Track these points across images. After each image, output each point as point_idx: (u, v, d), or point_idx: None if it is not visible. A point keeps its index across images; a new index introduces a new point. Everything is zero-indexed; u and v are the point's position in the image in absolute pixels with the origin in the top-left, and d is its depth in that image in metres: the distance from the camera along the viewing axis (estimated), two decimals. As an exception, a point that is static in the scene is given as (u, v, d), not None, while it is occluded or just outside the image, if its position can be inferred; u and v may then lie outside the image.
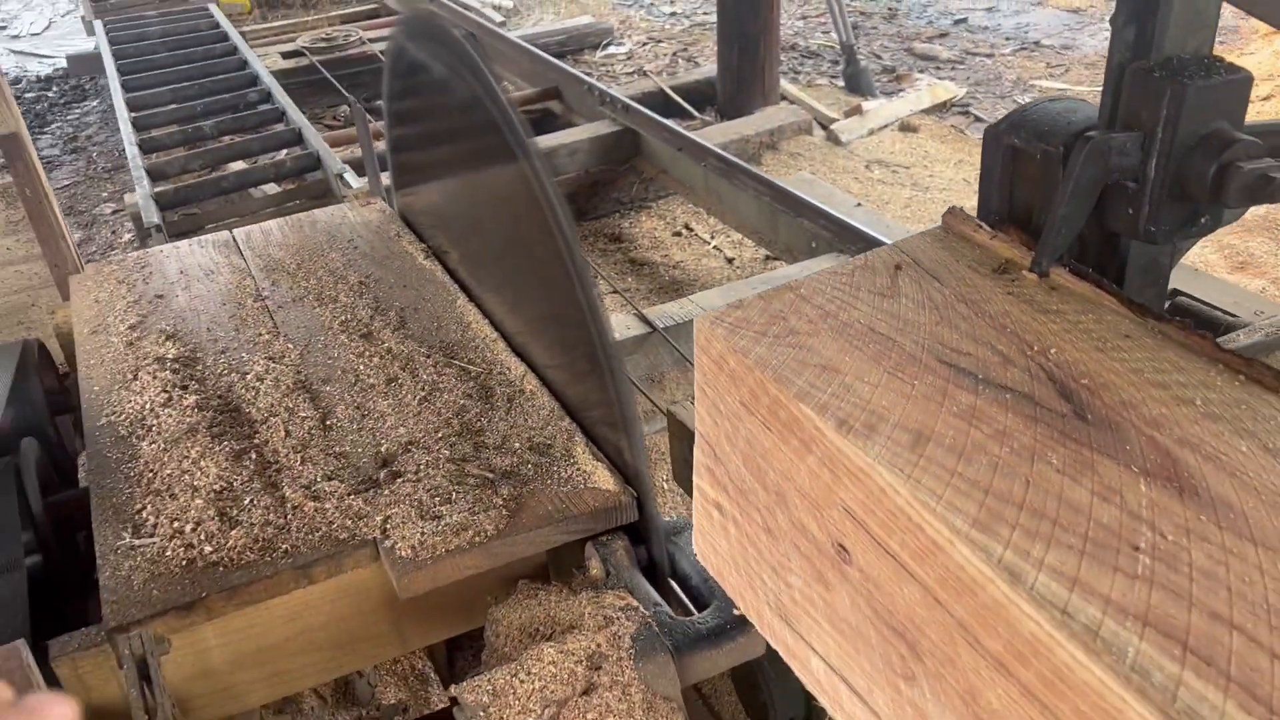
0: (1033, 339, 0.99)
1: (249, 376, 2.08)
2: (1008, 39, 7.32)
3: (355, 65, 6.40)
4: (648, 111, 4.88)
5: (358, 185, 3.99)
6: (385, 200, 2.94)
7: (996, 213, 1.17)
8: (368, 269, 2.51)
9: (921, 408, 0.91)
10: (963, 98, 6.19)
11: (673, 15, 8.38)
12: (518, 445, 1.83)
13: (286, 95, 5.05)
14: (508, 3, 8.69)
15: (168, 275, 2.56)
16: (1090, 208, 1.06)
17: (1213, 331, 1.37)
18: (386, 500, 1.71)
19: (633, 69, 7.03)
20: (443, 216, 2.53)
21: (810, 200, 3.93)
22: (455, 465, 1.78)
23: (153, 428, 1.95)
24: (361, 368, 2.09)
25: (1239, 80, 1.02)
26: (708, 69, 6.18)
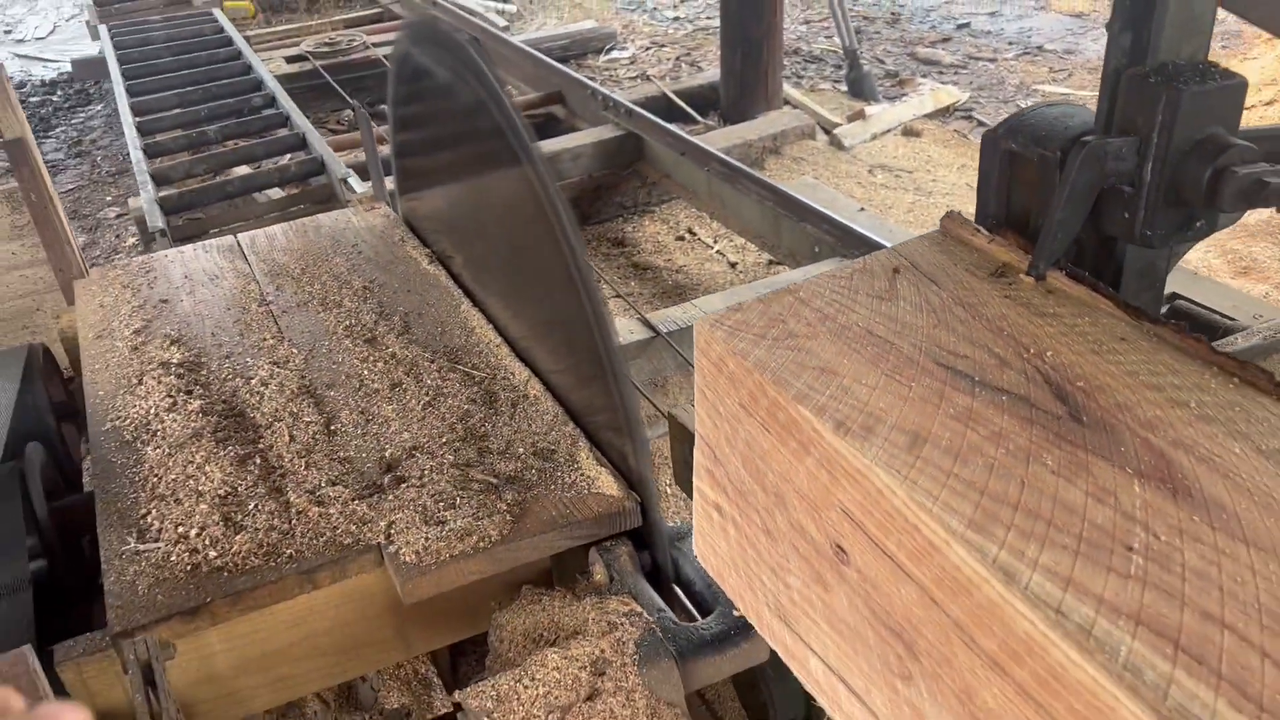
0: (1029, 342, 1.00)
1: (253, 381, 2.09)
2: (1011, 43, 7.32)
3: (359, 70, 6.41)
4: (651, 116, 4.88)
5: (362, 190, 4.00)
6: (389, 205, 2.95)
7: (994, 217, 1.18)
8: (372, 274, 2.51)
9: (919, 410, 0.91)
10: (966, 102, 6.19)
11: (676, 20, 8.39)
12: (521, 451, 1.83)
13: (291, 100, 5.06)
14: (511, 7, 8.70)
15: (172, 280, 2.57)
16: (1086, 212, 1.07)
17: (1211, 335, 1.38)
18: (391, 505, 1.71)
19: (636, 73, 7.03)
20: (447, 221, 2.53)
21: (813, 205, 3.93)
22: (459, 470, 1.79)
23: (157, 432, 1.95)
24: (366, 373, 2.09)
25: (1234, 86, 1.02)
26: (711, 73, 6.18)
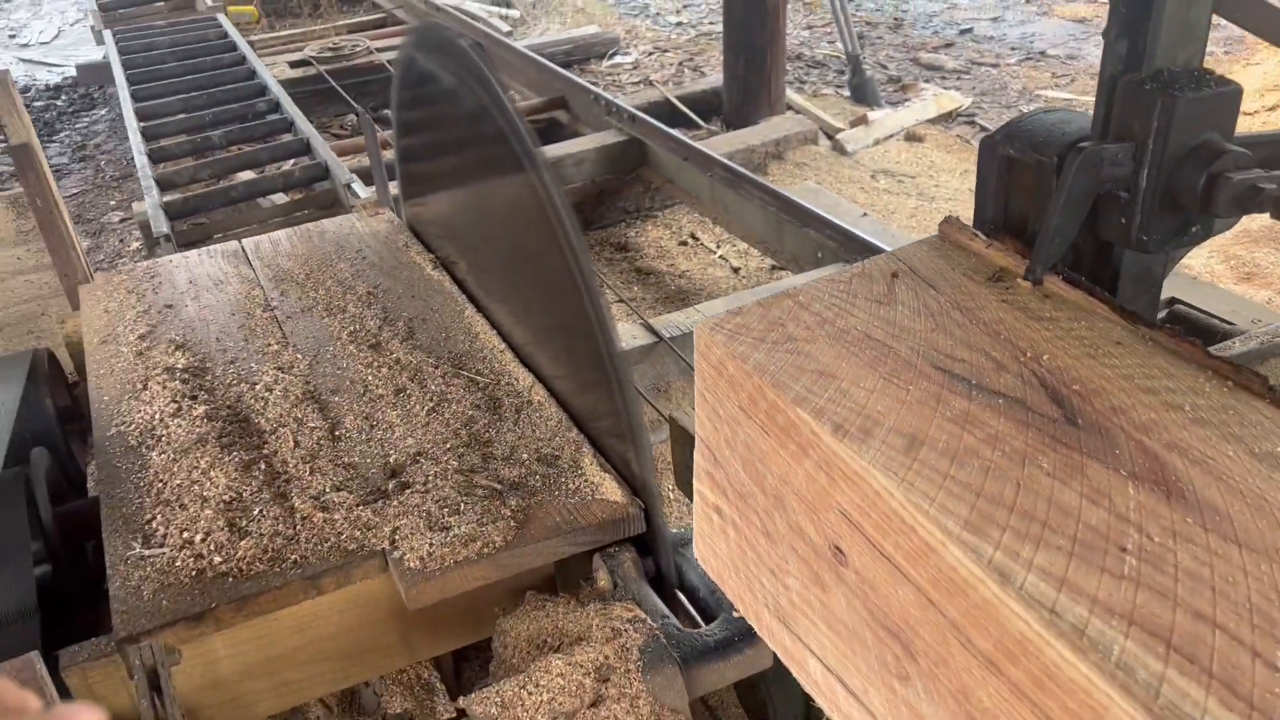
0: (1026, 345, 1.01)
1: (258, 386, 2.09)
2: (1013, 49, 7.33)
3: (362, 74, 6.42)
4: (654, 121, 4.89)
5: (365, 195, 4.01)
6: (393, 210, 2.96)
7: (992, 222, 1.19)
8: (376, 279, 2.52)
9: (916, 412, 0.92)
10: (968, 107, 6.19)
11: (679, 25, 8.41)
12: (525, 456, 1.83)
13: (295, 105, 5.07)
14: (514, 12, 8.72)
15: (177, 285, 2.57)
16: (1083, 217, 1.08)
17: (1209, 340, 1.39)
18: (395, 511, 1.71)
19: (639, 79, 7.04)
20: (451, 227, 2.54)
21: (816, 210, 3.93)
22: (463, 476, 1.79)
23: (162, 438, 1.95)
24: (370, 378, 2.10)
25: (1228, 93, 1.04)
26: (714, 79, 6.19)
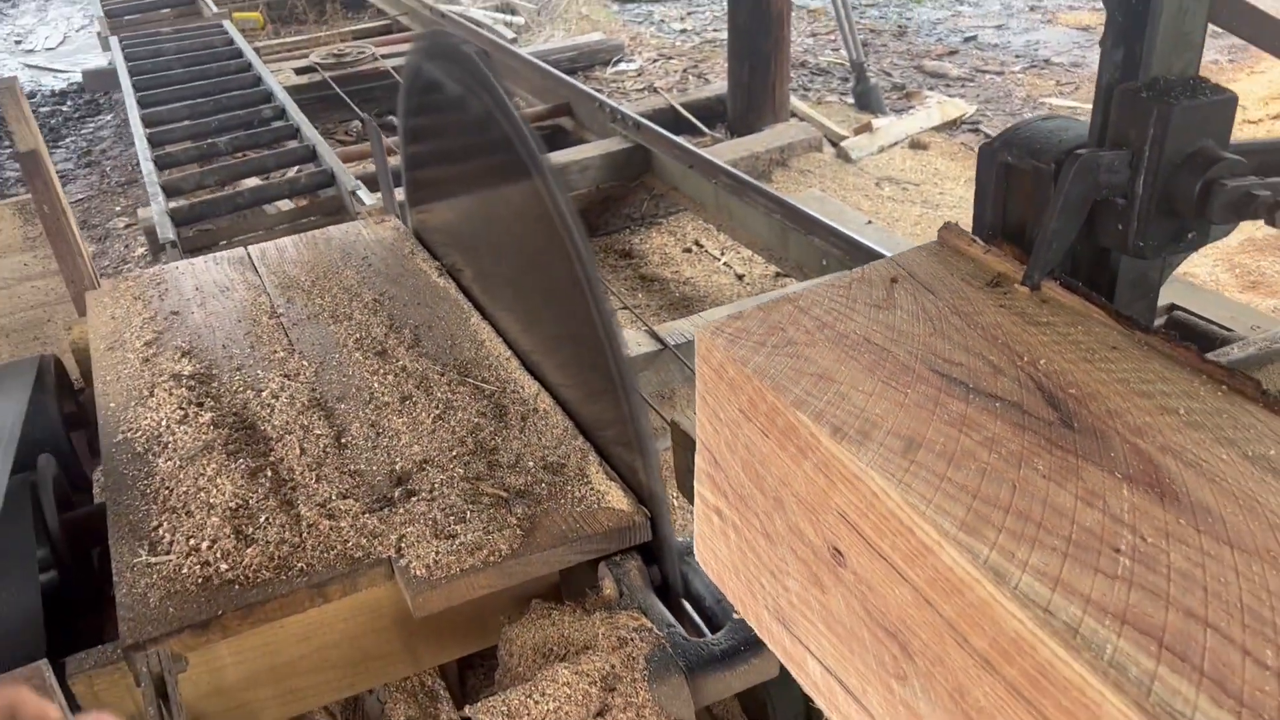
0: (1023, 350, 1.02)
1: (264, 394, 2.10)
2: (1017, 56, 7.34)
3: (367, 81, 6.44)
4: (658, 128, 4.90)
5: (371, 202, 4.03)
6: (399, 218, 2.97)
7: (990, 228, 1.20)
8: (382, 286, 2.53)
9: (914, 415, 0.94)
10: (973, 115, 6.21)
11: (683, 32, 8.43)
12: (531, 464, 1.84)
13: (300, 112, 5.09)
14: (519, 19, 8.75)
15: (183, 292, 2.58)
16: (1080, 223, 1.09)
17: (1208, 346, 1.40)
18: (401, 519, 1.72)
19: (643, 86, 7.06)
20: (457, 234, 2.55)
21: (821, 218, 3.93)
22: (469, 484, 1.79)
23: (169, 444, 1.96)
24: (376, 385, 2.10)
25: (1224, 100, 1.05)
26: (718, 86, 6.21)
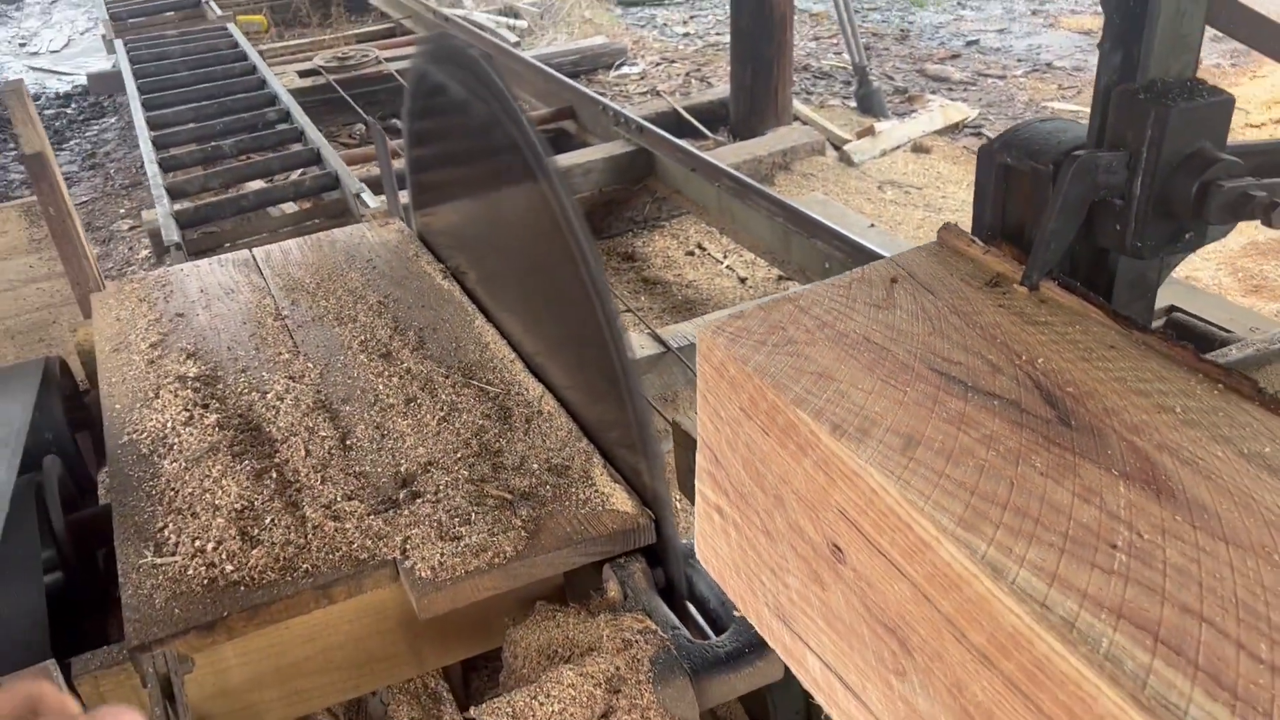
0: (1021, 349, 1.03)
1: (269, 395, 2.10)
2: (1020, 60, 7.35)
3: (371, 84, 6.46)
4: (661, 132, 4.91)
5: (375, 205, 4.04)
6: (403, 220, 2.98)
7: (990, 228, 1.21)
8: (386, 289, 2.54)
9: (913, 413, 0.94)
10: (975, 119, 6.22)
11: (685, 36, 8.45)
12: (536, 466, 1.84)
13: (305, 115, 5.10)
14: (522, 23, 8.77)
15: (188, 294, 2.59)
16: (1079, 223, 1.10)
17: (1207, 347, 1.40)
18: (406, 520, 1.72)
19: (646, 89, 7.08)
20: (461, 237, 2.55)
21: (823, 221, 3.93)
22: (474, 486, 1.79)
23: (174, 446, 1.96)
24: (381, 387, 2.11)
25: (1220, 102, 1.06)
26: (721, 89, 6.22)
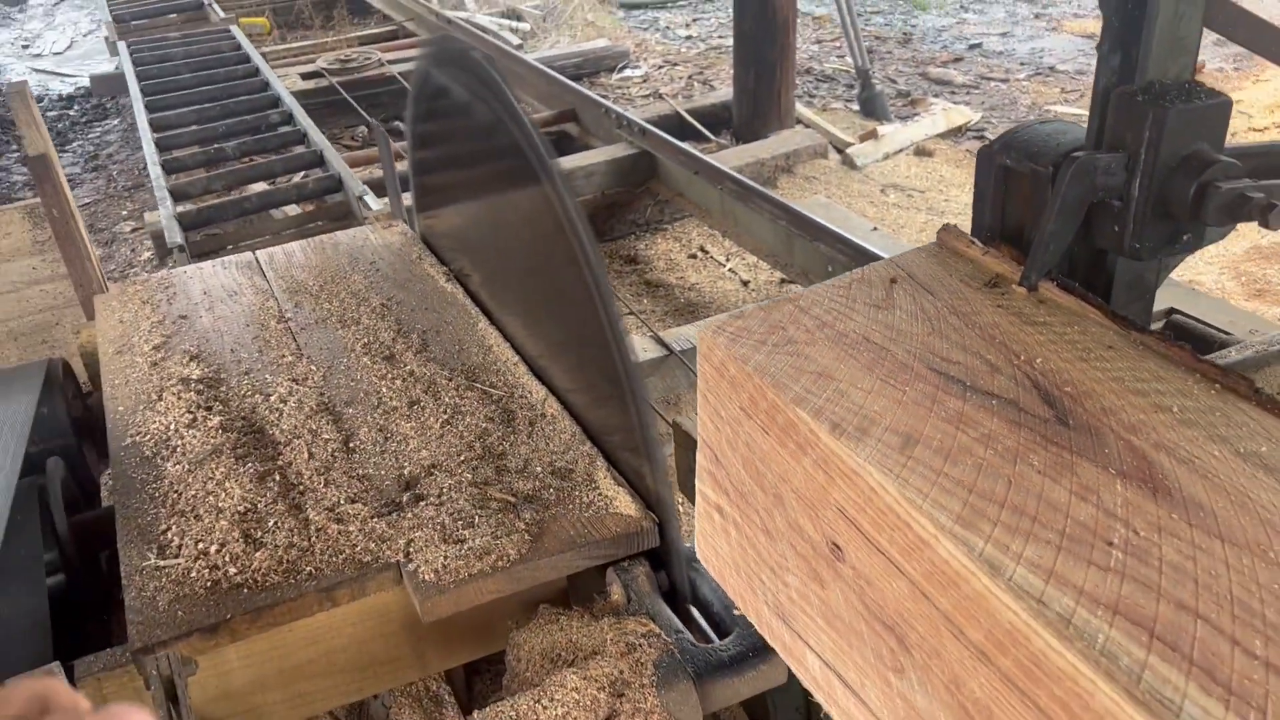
0: (1020, 349, 1.04)
1: (272, 398, 2.10)
2: (1022, 64, 7.35)
3: (374, 86, 6.46)
4: (664, 134, 4.91)
5: (378, 207, 4.05)
6: (406, 222, 2.98)
7: (989, 229, 1.22)
8: (390, 291, 2.54)
9: (912, 412, 0.95)
10: (978, 122, 6.22)
11: (688, 39, 8.45)
12: (539, 469, 1.84)
13: (308, 117, 5.10)
14: (525, 26, 8.78)
15: (191, 296, 2.60)
16: (1077, 225, 1.11)
17: (1206, 349, 1.41)
18: (409, 523, 1.72)
19: (648, 92, 7.08)
20: (465, 239, 2.55)
21: (826, 224, 3.93)
22: (478, 489, 1.79)
23: (177, 448, 1.96)
24: (384, 390, 2.11)
25: (1218, 104, 1.06)
26: (723, 92, 6.22)
